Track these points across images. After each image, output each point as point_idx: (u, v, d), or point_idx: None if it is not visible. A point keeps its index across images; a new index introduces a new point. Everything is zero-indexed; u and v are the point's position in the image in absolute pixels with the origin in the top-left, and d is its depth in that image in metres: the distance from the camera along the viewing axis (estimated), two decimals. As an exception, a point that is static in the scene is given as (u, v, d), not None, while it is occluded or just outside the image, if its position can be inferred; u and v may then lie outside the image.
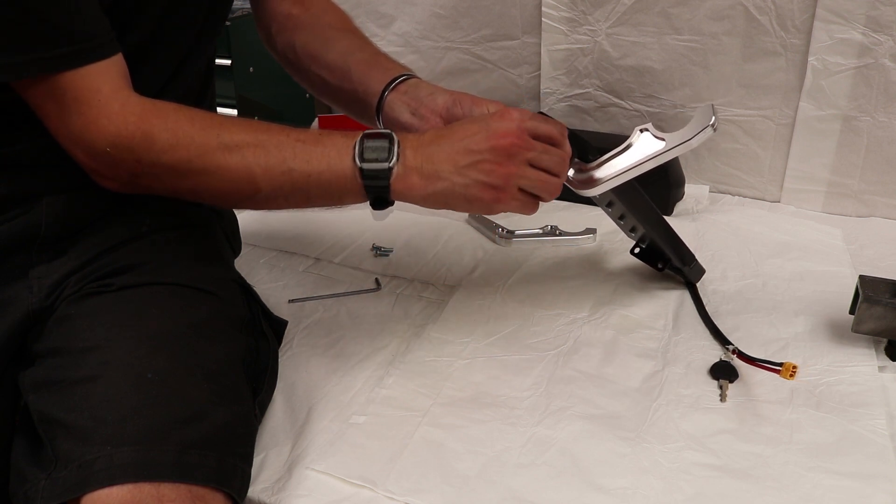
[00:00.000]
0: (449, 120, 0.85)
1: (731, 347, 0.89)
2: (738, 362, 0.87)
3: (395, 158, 0.74)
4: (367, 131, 0.75)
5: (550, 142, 0.78)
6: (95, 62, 0.70)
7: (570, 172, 0.85)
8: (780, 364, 0.82)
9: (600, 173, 0.85)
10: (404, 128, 0.87)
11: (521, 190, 0.77)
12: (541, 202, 0.81)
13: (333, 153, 0.74)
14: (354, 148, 0.74)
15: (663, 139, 0.84)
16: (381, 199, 0.76)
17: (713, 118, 0.81)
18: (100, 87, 0.70)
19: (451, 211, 0.80)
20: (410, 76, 0.89)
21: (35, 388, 0.71)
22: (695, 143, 0.83)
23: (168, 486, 0.62)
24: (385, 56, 0.93)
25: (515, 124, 0.75)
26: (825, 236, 1.20)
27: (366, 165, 0.74)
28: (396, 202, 0.78)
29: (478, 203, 0.76)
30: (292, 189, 0.75)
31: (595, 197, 0.88)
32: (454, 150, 0.75)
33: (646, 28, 1.28)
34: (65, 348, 0.72)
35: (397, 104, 0.87)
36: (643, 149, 0.84)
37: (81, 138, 0.72)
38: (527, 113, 0.77)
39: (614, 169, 0.85)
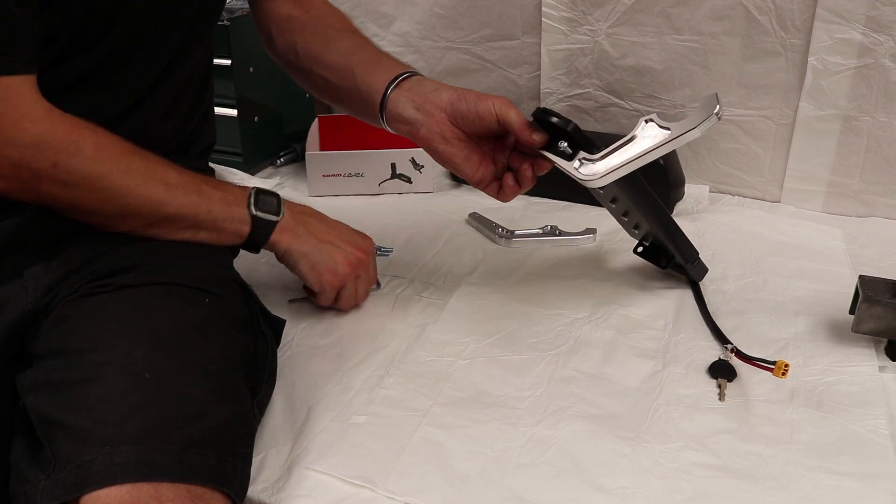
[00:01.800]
0: (453, 115, 0.86)
1: (729, 346, 0.89)
2: (736, 361, 0.87)
3: (281, 216, 0.87)
4: (257, 188, 0.86)
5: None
6: (19, 74, 0.71)
7: (576, 164, 0.85)
8: (774, 363, 0.82)
9: (606, 164, 0.84)
10: (408, 123, 0.88)
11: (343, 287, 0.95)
12: None
13: (233, 199, 0.84)
14: (249, 199, 0.85)
15: (668, 128, 0.84)
16: (255, 244, 0.88)
17: (717, 107, 0.81)
18: (24, 93, 0.72)
19: (450, 211, 0.82)
20: (414, 73, 0.90)
21: (33, 390, 0.71)
22: (699, 132, 0.82)
23: (167, 485, 0.62)
24: (387, 55, 0.94)
25: (368, 252, 0.96)
26: (825, 236, 1.20)
27: (259, 216, 0.85)
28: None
29: (318, 278, 0.92)
30: (188, 220, 0.82)
31: (599, 192, 0.88)
32: (325, 230, 0.93)
33: (646, 28, 1.28)
34: (63, 349, 0.72)
35: (401, 100, 0.87)
36: (648, 138, 0.84)
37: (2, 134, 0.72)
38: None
39: (620, 159, 0.84)
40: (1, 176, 0.73)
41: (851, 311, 0.92)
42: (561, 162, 0.85)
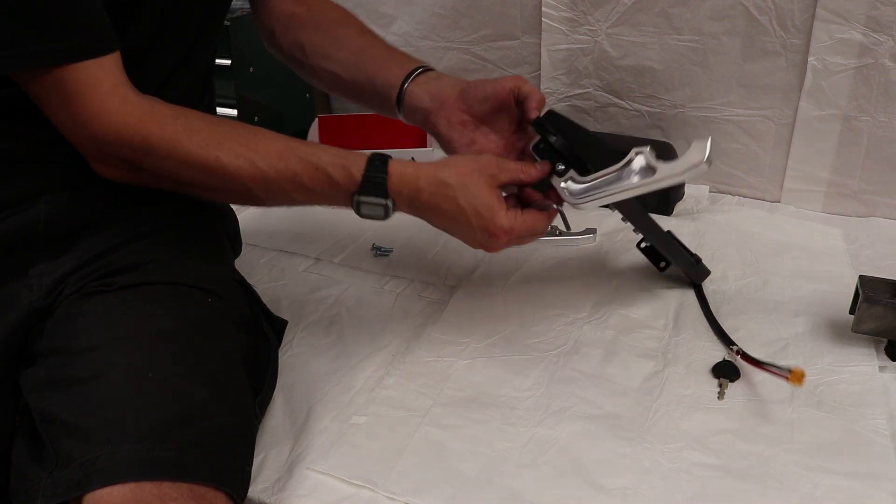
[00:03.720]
0: (464, 96, 0.87)
1: (735, 349, 0.89)
2: (742, 363, 0.87)
3: (392, 213, 0.79)
4: (362, 185, 0.77)
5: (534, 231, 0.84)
6: (96, 57, 0.70)
7: (563, 183, 0.86)
8: (789, 370, 0.80)
9: (589, 192, 0.86)
10: (423, 112, 0.89)
11: None
12: None
13: (336, 196, 0.78)
14: (352, 200, 0.78)
15: (655, 169, 0.84)
16: None
17: (707, 152, 0.81)
18: (101, 80, 0.71)
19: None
20: (429, 68, 0.91)
21: (36, 388, 0.71)
22: (686, 178, 0.84)
23: (169, 484, 0.62)
24: (398, 50, 0.95)
25: (505, 238, 0.81)
26: (825, 236, 1.20)
27: (367, 218, 0.79)
28: None
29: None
30: (291, 204, 0.80)
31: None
32: (447, 228, 0.82)
33: (646, 28, 1.28)
34: (66, 348, 0.72)
35: (417, 92, 0.89)
36: (633, 175, 0.85)
37: (86, 130, 0.72)
38: (509, 222, 0.80)
39: (602, 190, 0.85)
40: (110, 166, 0.76)
41: (851, 311, 0.92)
42: (553, 177, 0.87)
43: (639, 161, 0.85)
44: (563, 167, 0.86)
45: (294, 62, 0.98)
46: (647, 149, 0.85)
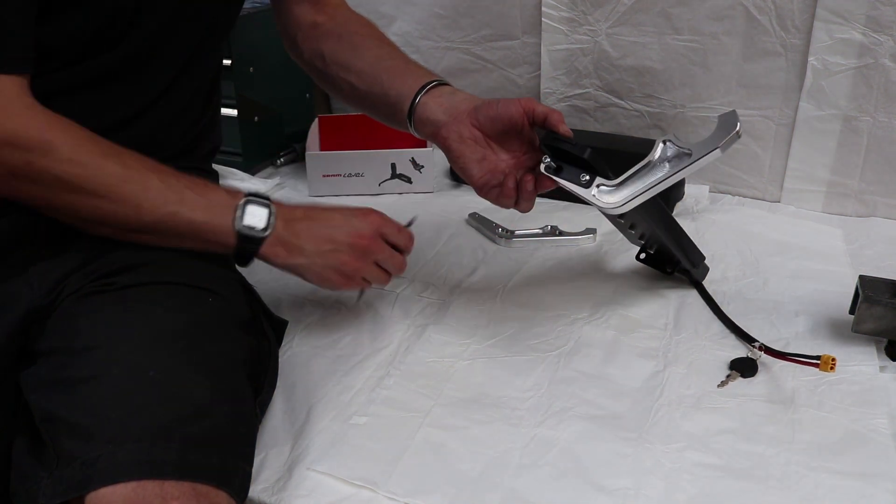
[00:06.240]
0: (475, 114, 0.86)
1: (757, 344, 0.89)
2: (767, 359, 0.87)
3: (270, 229, 0.79)
4: (248, 197, 0.79)
5: (398, 248, 0.88)
6: (8, 74, 0.70)
7: (594, 192, 0.83)
8: (818, 357, 0.80)
9: (626, 191, 0.82)
10: (434, 125, 0.88)
11: (363, 278, 0.87)
12: None
13: (218, 210, 0.78)
14: (236, 210, 0.78)
15: (689, 151, 0.81)
16: (245, 258, 0.81)
17: (738, 124, 0.79)
18: (5, 88, 0.70)
19: (451, 211, 0.81)
20: (444, 83, 0.91)
21: (37, 387, 0.71)
22: (721, 151, 0.79)
23: (172, 483, 0.62)
24: (415, 63, 0.95)
25: (374, 228, 0.86)
26: (825, 236, 1.20)
27: (244, 231, 0.78)
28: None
29: (328, 283, 0.85)
30: (168, 228, 0.77)
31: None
32: (319, 235, 0.83)
33: (646, 28, 1.28)
34: (67, 347, 0.72)
35: (430, 104, 0.88)
36: (666, 164, 0.82)
37: None
38: (385, 218, 0.88)
39: (640, 186, 0.82)
40: None
41: (851, 311, 0.92)
42: (577, 189, 0.83)
43: (669, 149, 0.82)
44: (587, 177, 0.82)
45: (314, 71, 0.99)
46: (672, 135, 0.83)
